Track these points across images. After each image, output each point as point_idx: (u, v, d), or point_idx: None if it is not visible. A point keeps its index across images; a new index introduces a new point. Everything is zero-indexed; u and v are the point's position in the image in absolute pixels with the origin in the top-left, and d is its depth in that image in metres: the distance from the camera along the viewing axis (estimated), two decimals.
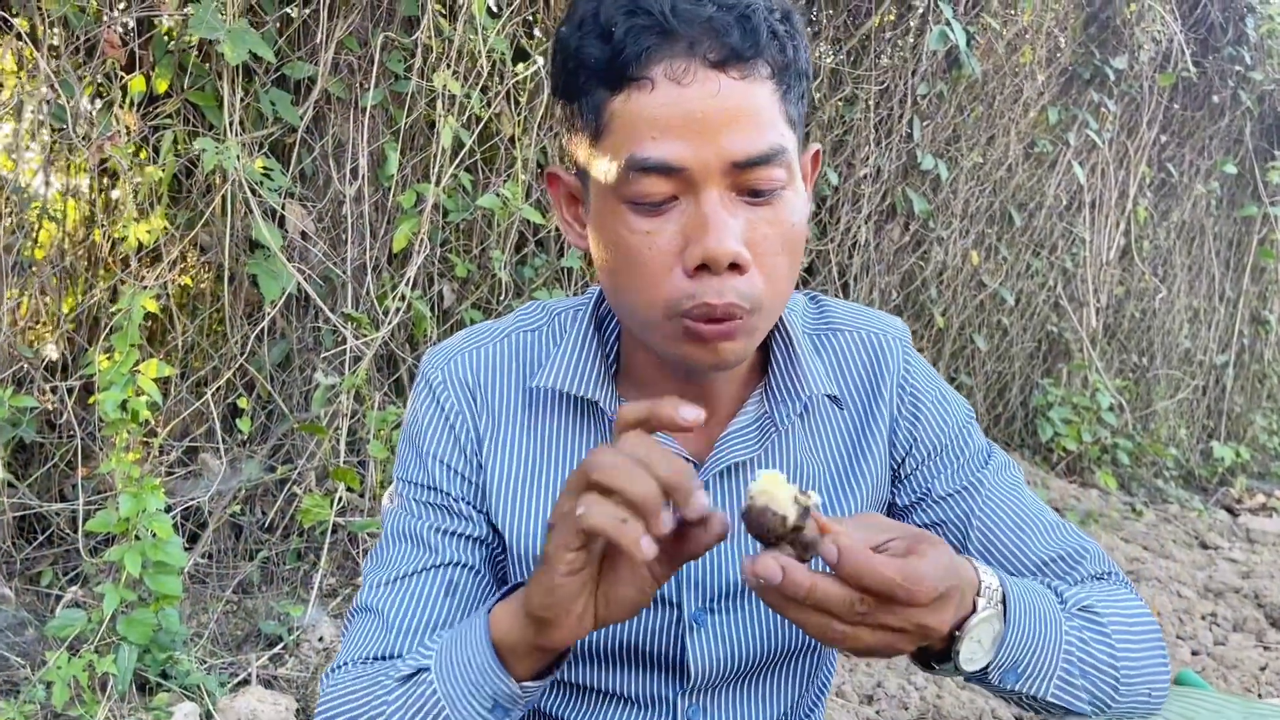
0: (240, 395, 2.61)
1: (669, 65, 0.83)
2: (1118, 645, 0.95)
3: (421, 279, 2.82)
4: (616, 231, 0.88)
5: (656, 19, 0.83)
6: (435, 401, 1.03)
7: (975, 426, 1.12)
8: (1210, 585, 3.67)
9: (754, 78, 0.85)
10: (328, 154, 2.70)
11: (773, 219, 0.87)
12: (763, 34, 0.85)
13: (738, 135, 0.84)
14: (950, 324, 4.47)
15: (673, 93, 0.83)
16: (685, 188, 0.85)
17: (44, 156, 2.49)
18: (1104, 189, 4.89)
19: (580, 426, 1.03)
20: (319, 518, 2.51)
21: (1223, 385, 6.05)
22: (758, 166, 0.85)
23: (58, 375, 2.54)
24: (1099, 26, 4.48)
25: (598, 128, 0.88)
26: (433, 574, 0.99)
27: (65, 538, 2.49)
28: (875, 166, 3.84)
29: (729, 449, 1.00)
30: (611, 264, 0.91)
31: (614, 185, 0.87)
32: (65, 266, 2.56)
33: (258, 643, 2.45)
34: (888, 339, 1.09)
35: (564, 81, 0.91)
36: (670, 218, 0.86)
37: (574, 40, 0.87)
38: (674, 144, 0.84)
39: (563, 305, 1.09)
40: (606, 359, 1.02)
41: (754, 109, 0.85)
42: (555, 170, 1.00)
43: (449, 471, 1.02)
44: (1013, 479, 1.09)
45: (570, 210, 0.99)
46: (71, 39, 2.34)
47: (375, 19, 2.69)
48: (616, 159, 0.86)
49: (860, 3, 3.60)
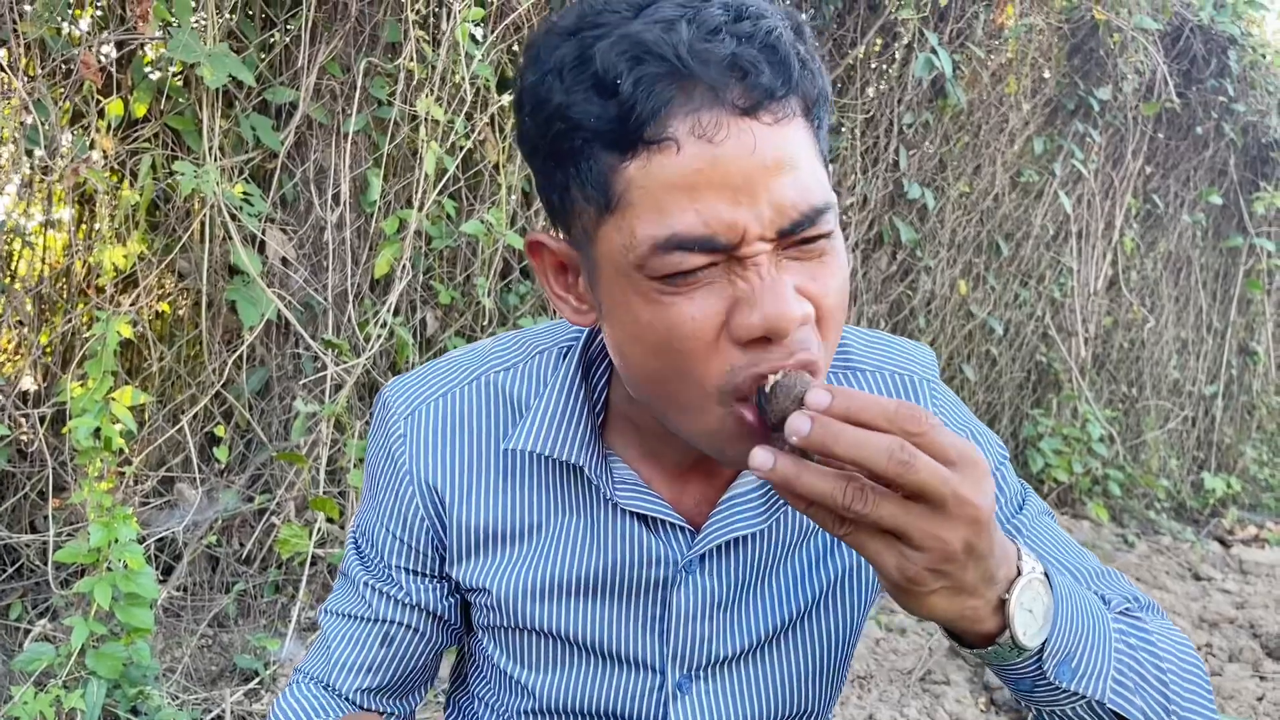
0: (218, 423, 2.57)
1: (695, 120, 0.70)
2: (1164, 660, 0.86)
3: (404, 306, 2.79)
4: (647, 313, 0.74)
5: (671, 64, 0.69)
6: (389, 457, 0.95)
7: (1009, 468, 1.02)
8: (1205, 616, 3.63)
9: (788, 119, 0.73)
10: (309, 179, 2.68)
11: (827, 270, 0.76)
12: (793, 65, 0.72)
13: (781, 190, 0.71)
14: (939, 354, 4.45)
15: (704, 153, 0.70)
16: (726, 253, 0.73)
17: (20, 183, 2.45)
18: (1090, 219, 4.89)
19: (562, 489, 0.93)
20: (297, 549, 2.46)
21: (1212, 416, 6.04)
22: (807, 225, 0.73)
23: (29, 405, 2.49)
24: (1082, 58, 4.50)
25: (609, 199, 0.73)
26: (370, 625, 0.99)
27: (35, 570, 2.43)
28: (862, 195, 3.83)
29: (730, 518, 0.90)
30: (641, 349, 0.77)
31: (640, 262, 0.73)
32: (42, 294, 2.52)
33: (233, 678, 2.39)
34: (914, 380, 0.99)
35: (548, 144, 0.75)
36: (711, 288, 0.73)
37: (556, 94, 0.73)
38: (715, 212, 0.70)
39: (544, 340, 0.97)
40: (594, 413, 0.91)
41: (794, 158, 0.72)
42: (539, 238, 0.84)
43: (391, 538, 0.97)
44: (1050, 525, 1.00)
45: (560, 281, 0.84)
46: (47, 61, 2.31)
47: (358, 44, 2.68)
48: (640, 233, 0.72)
49: (846, 32, 3.61)
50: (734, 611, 0.94)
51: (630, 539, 0.91)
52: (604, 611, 0.94)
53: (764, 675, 0.97)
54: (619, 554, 0.92)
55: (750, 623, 0.95)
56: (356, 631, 0.99)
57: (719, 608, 0.93)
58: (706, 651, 0.94)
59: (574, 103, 0.72)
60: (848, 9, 3.56)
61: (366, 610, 0.99)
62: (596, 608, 0.94)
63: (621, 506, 0.90)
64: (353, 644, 0.99)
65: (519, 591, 0.94)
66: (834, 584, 0.97)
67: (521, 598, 0.94)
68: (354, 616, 1.00)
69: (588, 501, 0.92)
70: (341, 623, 1.00)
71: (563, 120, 0.73)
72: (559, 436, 0.89)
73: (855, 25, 3.58)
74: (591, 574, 0.93)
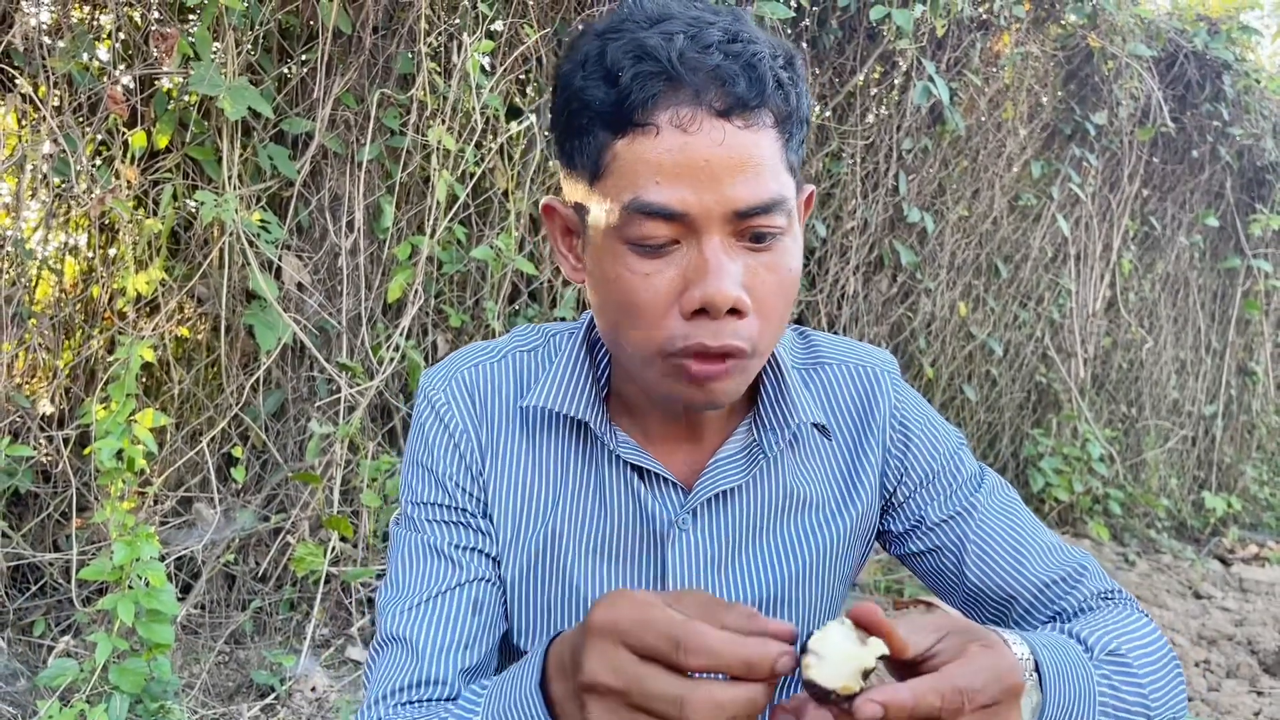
0: (235, 445, 2.63)
1: (675, 113, 0.84)
2: (1146, 685, 0.94)
3: (416, 329, 2.86)
4: (615, 271, 0.89)
5: (664, 66, 0.84)
6: (439, 420, 1.04)
7: (967, 453, 1.13)
8: (1204, 633, 3.67)
9: (758, 126, 0.86)
10: (324, 207, 2.75)
11: (772, 265, 0.89)
12: (768, 83, 0.86)
13: (741, 184, 0.85)
14: (939, 374, 4.51)
15: (678, 140, 0.84)
16: (686, 233, 0.86)
17: (45, 211, 2.53)
18: (1088, 241, 4.96)
19: (574, 445, 1.04)
20: (312, 566, 2.52)
21: (1212, 436, 6.08)
22: (759, 215, 0.86)
23: (53, 427, 2.56)
24: (1078, 84, 4.58)
25: (598, 167, 0.88)
26: (457, 593, 0.99)
27: (58, 588, 2.49)
28: (862, 219, 3.90)
29: (717, 475, 1.02)
30: (608, 303, 0.91)
31: (614, 226, 0.88)
32: (62, 319, 2.59)
33: (250, 693, 2.44)
34: (877, 371, 1.11)
35: (565, 120, 0.91)
36: (671, 261, 0.87)
37: (577, 80, 0.88)
38: (677, 190, 0.84)
39: (558, 328, 1.10)
40: (598, 382, 1.03)
41: (758, 158, 0.86)
42: (552, 202, 1.00)
43: (461, 490, 1.03)
44: (1006, 500, 1.10)
45: (565, 242, 1.00)
46: (74, 96, 2.39)
47: (371, 76, 2.76)
48: (617, 201, 0.87)
49: (846, 60, 3.69)
50: (727, 572, 1.03)
51: (630, 495, 1.02)
52: (606, 571, 1.03)
53: None
54: (620, 510, 1.02)
55: (743, 583, 1.04)
56: (442, 610, 0.98)
57: (713, 566, 1.03)
58: None
59: (587, 88, 0.87)
60: (847, 38, 3.64)
61: (453, 576, 0.99)
62: (599, 568, 1.03)
63: (623, 459, 1.01)
64: (443, 624, 0.97)
65: (532, 552, 1.02)
66: (820, 557, 1.07)
67: (532, 560, 1.02)
68: (436, 595, 0.98)
69: (593, 457, 1.03)
70: (419, 615, 0.97)
71: (577, 101, 0.88)
72: (568, 396, 1.01)
73: (855, 54, 3.67)
74: (595, 531, 1.02)
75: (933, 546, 1.09)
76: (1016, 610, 1.06)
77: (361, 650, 2.62)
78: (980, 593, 1.07)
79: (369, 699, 0.97)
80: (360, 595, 2.74)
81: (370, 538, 2.69)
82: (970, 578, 1.06)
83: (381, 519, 2.70)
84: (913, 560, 1.12)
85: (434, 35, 2.73)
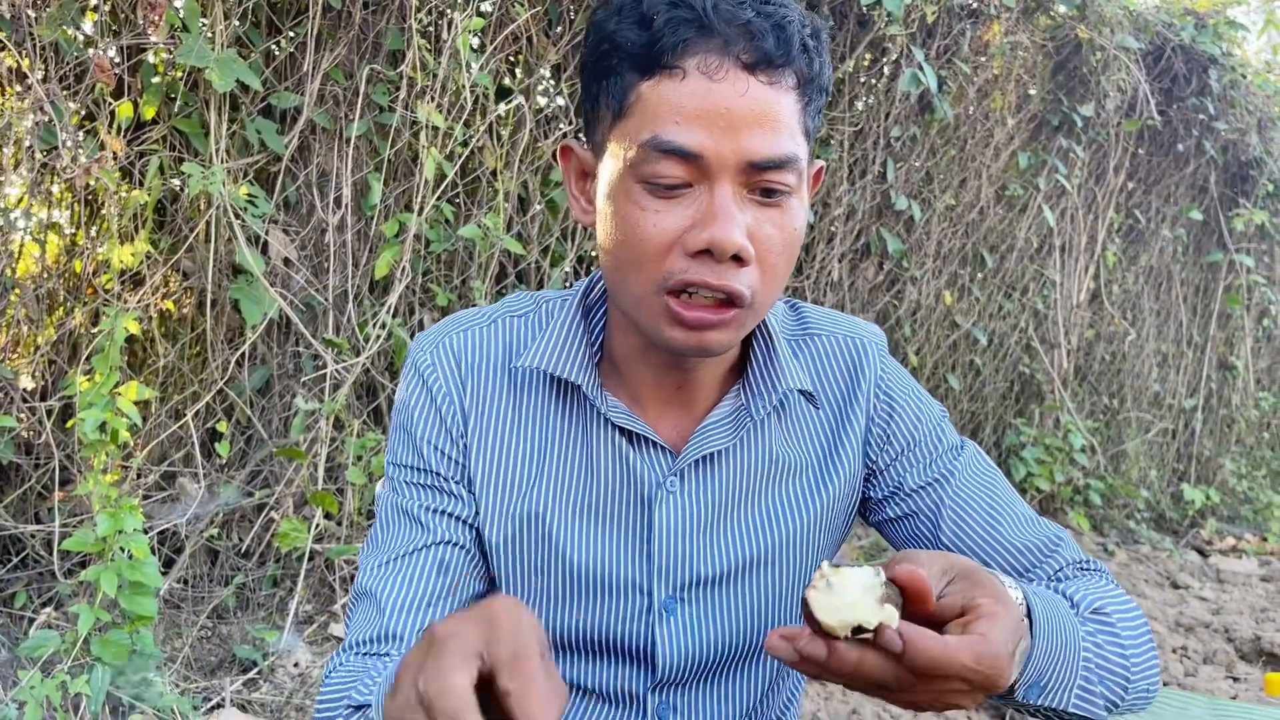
0: (220, 420, 2.62)
1: (703, 59, 0.87)
2: (1127, 645, 0.96)
3: (402, 307, 2.85)
4: (626, 208, 0.91)
5: (698, 14, 0.87)
6: (424, 385, 1.05)
7: (949, 425, 1.14)
8: (1181, 620, 3.71)
9: (780, 85, 0.89)
10: (312, 183, 2.74)
11: (779, 221, 0.91)
12: (795, 44, 0.89)
13: (758, 136, 0.87)
14: (924, 363, 4.53)
15: (702, 85, 0.87)
16: (700, 176, 0.88)
17: (30, 179, 2.51)
18: (1073, 233, 4.99)
19: (562, 409, 1.05)
20: (296, 542, 2.51)
21: (1192, 429, 6.13)
22: (772, 169, 0.88)
23: (36, 399, 2.54)
24: (1066, 75, 4.60)
25: (622, 107, 0.91)
26: (424, 553, 1.01)
27: (40, 560, 2.48)
28: (850, 206, 3.91)
29: (705, 438, 1.03)
30: (615, 239, 0.93)
31: (631, 164, 0.90)
32: (46, 291, 2.57)
33: (232, 668, 2.44)
34: (865, 342, 1.12)
35: (595, 61, 0.94)
36: (682, 203, 0.89)
37: (611, 24, 0.91)
38: (696, 132, 0.87)
39: (551, 295, 1.11)
40: (591, 345, 1.04)
41: (777, 114, 0.88)
42: (570, 144, 1.02)
43: (437, 453, 1.04)
44: (984, 469, 1.11)
45: (579, 184, 1.02)
46: (60, 65, 2.37)
47: (361, 52, 2.75)
48: (637, 139, 0.89)
49: (836, 46, 3.69)
50: (714, 535, 1.04)
51: (619, 457, 1.03)
52: (595, 532, 1.04)
53: (743, 601, 1.06)
54: (607, 472, 1.03)
55: (730, 547, 1.05)
56: (409, 569, 1.00)
57: (699, 529, 1.04)
58: (690, 571, 1.04)
59: (620, 30, 0.90)
60: (838, 25, 3.64)
61: (421, 537, 1.02)
62: (588, 529, 1.03)
63: (613, 421, 1.02)
64: (408, 582, 1.00)
65: (519, 516, 1.03)
66: (806, 524, 1.08)
67: (519, 524, 1.03)
68: (405, 554, 1.01)
69: (581, 420, 1.04)
70: (388, 572, 1.01)
71: (609, 43, 0.91)
72: (561, 357, 1.02)
73: (845, 40, 3.67)
74: (582, 494, 1.03)
75: (909, 512, 1.10)
76: None
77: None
78: None
79: (343, 645, 1.01)
80: (344, 572, 2.73)
81: (355, 515, 2.69)
82: (945, 542, 1.07)
83: (366, 496, 2.70)
84: (889, 527, 1.13)
85: (424, 11, 2.71)
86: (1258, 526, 5.97)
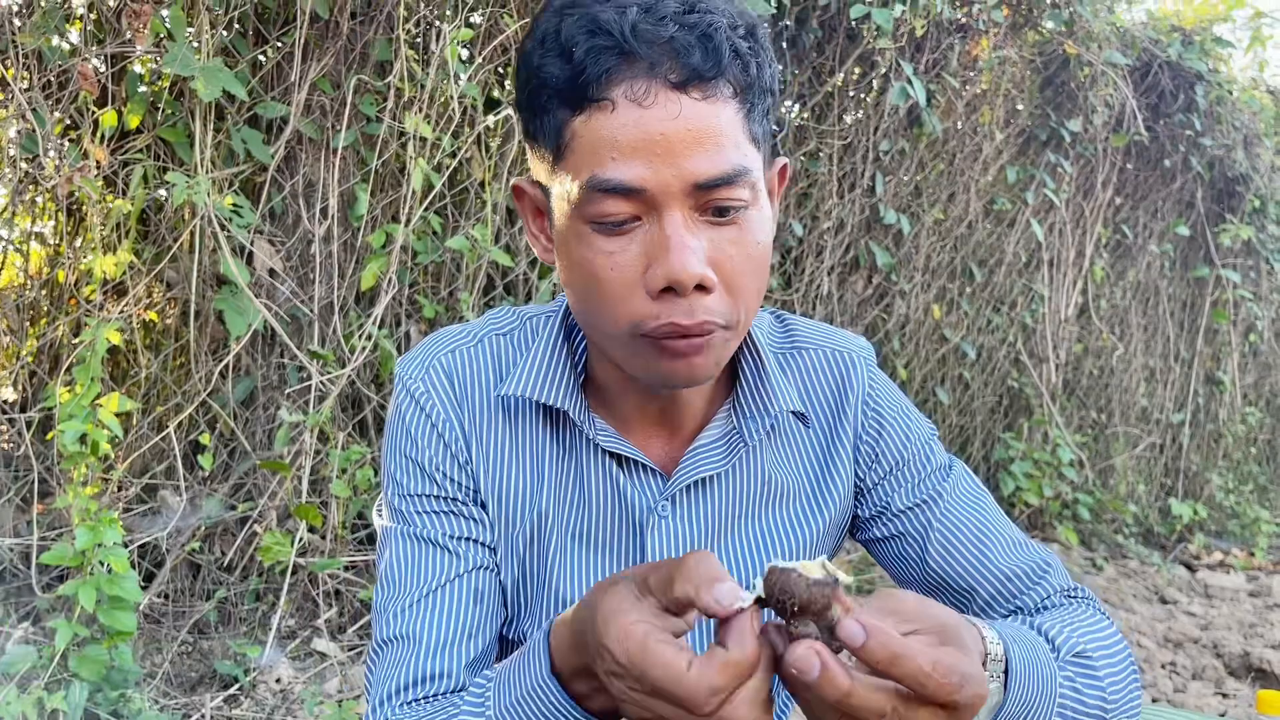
0: (203, 432, 2.59)
1: (629, 86, 0.83)
2: (1107, 685, 0.94)
3: (389, 319, 2.83)
4: (580, 251, 0.87)
5: (617, 40, 0.82)
6: (420, 409, 1.01)
7: (938, 444, 1.12)
8: (1170, 636, 3.70)
9: (716, 98, 0.84)
10: (298, 193, 2.72)
11: (737, 239, 0.87)
12: (725, 53, 0.84)
13: (699, 156, 0.83)
14: (913, 377, 4.52)
15: (633, 114, 0.83)
16: (647, 209, 0.85)
17: (12, 188, 2.48)
18: (1061, 247, 5.00)
19: (552, 433, 1.02)
20: (279, 556, 2.48)
21: (1179, 444, 6.14)
22: (720, 187, 0.84)
23: (15, 411, 2.51)
24: (1054, 90, 4.61)
25: (559, 147, 0.87)
26: (459, 583, 0.97)
27: (18, 574, 2.44)
28: (839, 219, 3.91)
29: (697, 462, 1.00)
30: (576, 282, 0.90)
31: (576, 205, 0.86)
32: (28, 301, 2.54)
33: (213, 684, 2.41)
34: (853, 357, 1.10)
35: (526, 98, 0.89)
36: (633, 238, 0.86)
37: (535, 57, 0.87)
38: (634, 165, 0.83)
39: (533, 310, 1.08)
40: (575, 368, 1.01)
41: (716, 130, 0.84)
42: (521, 183, 0.98)
43: (448, 479, 1.00)
44: (973, 490, 1.09)
45: (536, 223, 0.98)
46: (44, 73, 2.35)
47: (349, 62, 2.73)
48: (577, 179, 0.85)
49: (825, 60, 3.69)
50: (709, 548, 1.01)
51: (610, 482, 1.00)
52: (589, 558, 1.01)
53: None
54: (599, 498, 1.00)
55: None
56: (445, 602, 0.95)
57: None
58: None
59: (545, 65, 0.86)
60: (827, 38, 3.65)
61: (453, 566, 0.97)
62: (580, 556, 1.01)
63: (602, 447, 0.99)
64: (447, 616, 0.95)
65: (521, 541, 1.01)
66: (800, 548, 1.06)
67: (522, 549, 1.01)
68: (437, 588, 0.96)
69: (571, 445, 1.01)
70: (421, 610, 0.95)
71: (536, 79, 0.87)
72: (546, 384, 0.99)
73: (834, 54, 3.67)
74: (576, 519, 1.01)
75: (897, 533, 1.08)
76: (977, 602, 1.05)
77: (328, 642, 2.58)
78: (941, 581, 1.05)
79: (371, 704, 0.93)
80: (328, 587, 2.70)
81: (339, 528, 2.66)
82: (932, 565, 1.05)
83: (350, 509, 2.67)
84: (876, 547, 1.11)
85: (412, 22, 2.70)
86: (1245, 541, 5.97)
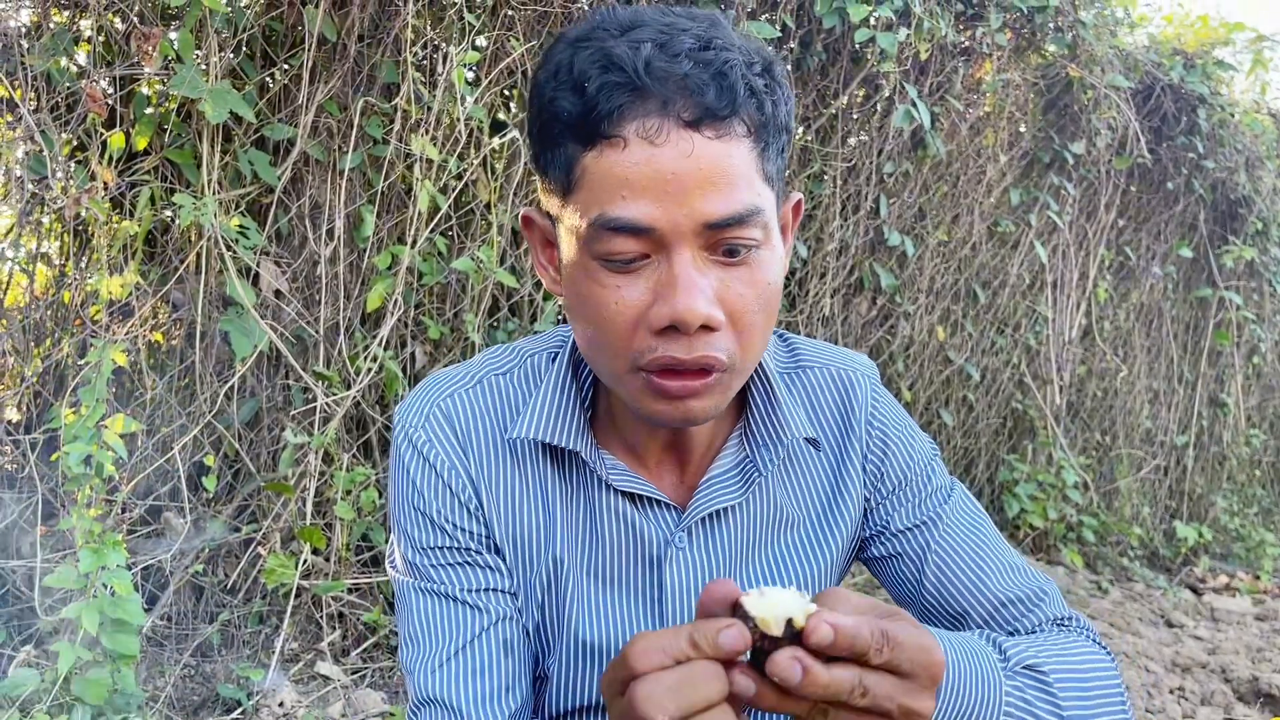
0: (207, 453, 2.58)
1: (641, 124, 0.81)
2: (1065, 705, 0.91)
3: (394, 340, 2.83)
4: (588, 286, 0.87)
5: (630, 76, 0.81)
6: (424, 460, 1.00)
7: (939, 464, 1.12)
8: (1178, 660, 3.67)
9: (729, 136, 0.83)
10: (304, 214, 2.72)
11: (748, 279, 0.86)
12: (739, 91, 0.83)
13: (711, 196, 0.82)
14: (917, 398, 4.51)
15: (645, 152, 0.81)
16: (656, 247, 0.84)
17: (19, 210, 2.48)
18: (1065, 269, 4.99)
19: (562, 474, 1.01)
20: (283, 579, 2.47)
21: (1184, 466, 6.12)
22: (731, 227, 0.83)
23: (20, 432, 2.50)
24: (1057, 113, 4.63)
25: (569, 181, 0.86)
26: (486, 637, 0.96)
27: (20, 596, 2.43)
28: (842, 241, 3.91)
29: (713, 492, 0.99)
30: (582, 316, 0.89)
31: (584, 240, 0.85)
32: (33, 322, 2.54)
33: (215, 707, 2.39)
34: (856, 375, 1.10)
35: (537, 130, 0.89)
36: (642, 275, 0.85)
37: (548, 90, 0.86)
38: (644, 204, 0.81)
39: (534, 346, 1.06)
40: (583, 405, 1.00)
41: (729, 169, 0.82)
42: (530, 214, 0.97)
43: (461, 531, 0.99)
44: (972, 514, 1.08)
45: (545, 254, 0.97)
46: (52, 95, 2.35)
47: (355, 84, 2.74)
48: (587, 215, 0.84)
49: (829, 83, 3.70)
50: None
51: (624, 520, 0.99)
52: (606, 597, 1.00)
53: None
54: (613, 536, 0.99)
55: None
56: (476, 659, 0.96)
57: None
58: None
59: (557, 98, 0.85)
60: (831, 61, 3.66)
61: (477, 623, 0.97)
62: (599, 596, 1.00)
63: (614, 487, 0.98)
64: (480, 674, 0.95)
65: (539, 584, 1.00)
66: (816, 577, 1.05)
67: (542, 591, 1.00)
68: (464, 646, 0.96)
69: (582, 484, 1.00)
70: (453, 669, 0.95)
71: (548, 112, 0.86)
72: (555, 425, 0.97)
73: (838, 77, 3.68)
74: (591, 558, 1.00)
75: (895, 553, 1.07)
76: (970, 626, 1.04)
77: (331, 665, 2.57)
78: (936, 604, 1.05)
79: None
80: (331, 609, 2.69)
81: (343, 550, 2.65)
82: (928, 587, 1.05)
83: (354, 532, 2.66)
84: (875, 565, 1.11)
85: (419, 45, 2.71)
86: (1250, 564, 5.94)
